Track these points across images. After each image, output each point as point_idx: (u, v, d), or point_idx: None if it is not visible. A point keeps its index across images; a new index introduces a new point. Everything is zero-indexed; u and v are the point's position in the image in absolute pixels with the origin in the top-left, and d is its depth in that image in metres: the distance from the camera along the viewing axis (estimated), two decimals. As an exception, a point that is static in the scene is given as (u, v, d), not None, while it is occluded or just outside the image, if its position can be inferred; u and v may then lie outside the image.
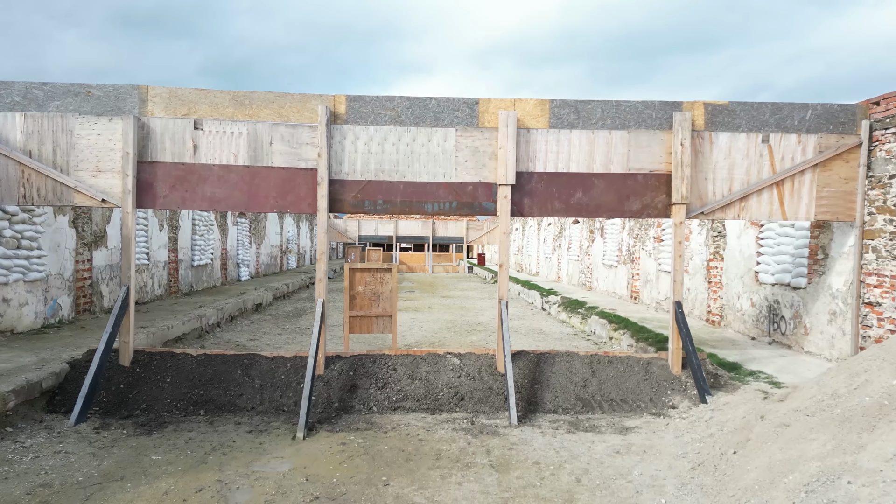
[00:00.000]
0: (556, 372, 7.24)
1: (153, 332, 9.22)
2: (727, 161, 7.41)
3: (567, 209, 7.44)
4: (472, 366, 7.30)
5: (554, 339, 11.77)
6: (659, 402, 6.85)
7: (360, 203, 7.38)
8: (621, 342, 10.73)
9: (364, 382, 7.04)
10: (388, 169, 7.36)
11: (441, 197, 7.41)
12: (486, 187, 7.42)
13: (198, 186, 7.17)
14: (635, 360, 7.48)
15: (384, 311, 8.90)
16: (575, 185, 7.42)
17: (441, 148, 7.37)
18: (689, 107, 7.40)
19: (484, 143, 7.39)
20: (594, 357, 7.49)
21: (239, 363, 7.20)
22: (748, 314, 9.94)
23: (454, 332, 12.40)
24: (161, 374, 6.98)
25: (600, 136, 7.39)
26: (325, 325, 7.21)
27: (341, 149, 7.32)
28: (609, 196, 7.43)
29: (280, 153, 7.25)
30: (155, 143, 7.12)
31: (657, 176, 7.42)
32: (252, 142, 7.22)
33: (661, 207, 7.44)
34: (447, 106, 7.37)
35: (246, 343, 10.84)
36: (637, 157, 7.41)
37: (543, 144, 7.40)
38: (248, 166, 7.22)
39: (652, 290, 13.91)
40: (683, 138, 7.25)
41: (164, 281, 13.86)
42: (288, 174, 7.26)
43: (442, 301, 18.74)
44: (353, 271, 8.87)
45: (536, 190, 7.42)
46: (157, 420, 6.31)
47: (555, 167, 7.41)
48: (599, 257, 17.89)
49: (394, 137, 7.35)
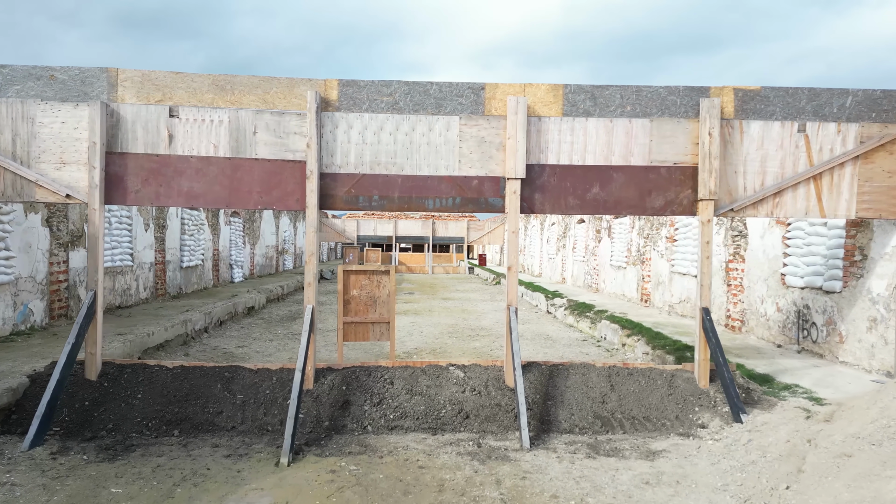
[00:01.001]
0: (571, 386, 6.54)
1: (131, 340, 8.50)
2: (759, 152, 6.71)
3: (583, 206, 6.74)
4: (477, 379, 6.59)
5: (562, 346, 11.06)
6: (686, 421, 6.14)
7: (353, 199, 6.67)
8: (635, 349, 10.02)
9: (358, 398, 6.33)
10: (384, 161, 6.66)
11: (443, 192, 6.70)
12: (492, 181, 6.72)
13: (173, 180, 6.46)
14: (658, 372, 6.77)
15: (381, 316, 8.22)
16: (591, 178, 6.71)
17: (443, 138, 6.67)
18: (718, 92, 6.70)
19: (491, 132, 6.68)
20: (612, 369, 6.78)
21: (219, 377, 6.49)
22: (773, 320, 9.23)
23: (456, 338, 11.69)
24: (132, 389, 6.27)
25: (619, 124, 6.69)
26: (314, 335, 6.51)
27: (333, 139, 6.61)
28: (629, 191, 6.72)
29: (265, 144, 6.54)
30: (126, 132, 6.41)
31: (682, 169, 6.71)
32: (234, 131, 6.51)
33: (687, 204, 6.73)
34: (450, 91, 6.67)
35: (233, 350, 10.13)
36: (660, 148, 6.71)
37: (556, 134, 6.69)
38: (230, 158, 6.51)
39: (664, 292, 13.20)
40: (711, 127, 6.55)
41: (151, 283, 13.14)
42: (274, 167, 6.55)
43: (443, 304, 18.03)
44: (347, 274, 8.18)
45: (549, 184, 6.72)
46: (125, 442, 5.60)
47: (569, 159, 6.71)
48: (607, 258, 17.18)
49: (391, 126, 6.64)
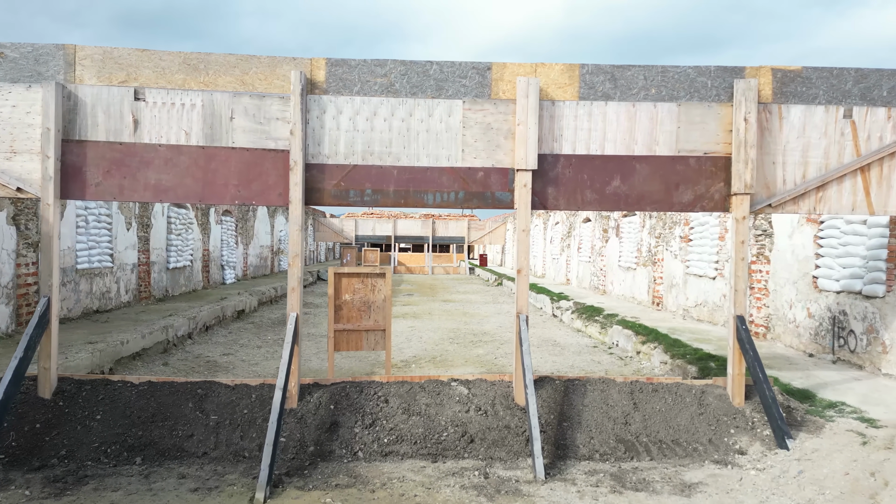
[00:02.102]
0: (590, 404, 5.79)
1: (101, 350, 7.75)
2: (800, 141, 5.96)
3: (601, 201, 5.99)
4: (483, 396, 5.85)
5: (572, 353, 10.31)
6: (722, 446, 5.39)
7: (343, 193, 5.92)
8: (651, 358, 9.28)
9: (348, 418, 5.59)
10: (378, 151, 5.91)
11: (444, 185, 5.96)
12: (500, 173, 5.97)
13: (139, 172, 5.71)
14: (686, 388, 6.03)
15: (376, 324, 7.47)
16: (611, 170, 5.97)
17: (444, 124, 5.93)
18: (754, 73, 5.95)
19: (498, 118, 5.93)
20: (635, 385, 6.03)
21: (191, 394, 5.74)
22: (804, 326, 8.49)
23: (457, 344, 10.94)
24: (91, 408, 5.52)
25: (643, 109, 5.94)
26: (298, 346, 5.76)
27: (320, 125, 5.87)
28: (654, 184, 5.97)
29: (243, 130, 5.80)
30: (85, 117, 5.66)
31: (714, 159, 5.97)
32: (208, 116, 5.77)
33: (719, 199, 5.98)
34: (452, 72, 5.92)
35: (217, 359, 9.38)
36: (688, 135, 5.96)
37: (572, 120, 5.95)
38: (203, 147, 5.77)
39: (678, 295, 12.45)
40: (748, 112, 5.80)
41: (133, 286, 12.39)
42: (253, 157, 5.81)
43: (443, 306, 17.28)
44: (339, 277, 7.43)
45: (563, 177, 5.97)
46: (78, 473, 4.85)
47: (586, 148, 5.96)
48: (615, 259, 16.43)
49: (386, 111, 5.90)
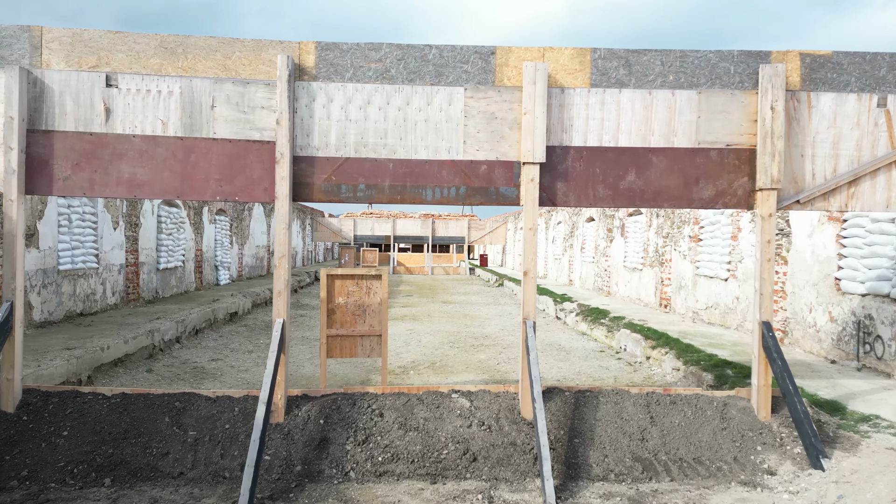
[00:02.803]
0: (603, 418, 5.32)
1: (79, 357, 7.27)
2: (831, 131, 5.49)
3: (615, 196, 5.52)
4: (486, 409, 5.37)
5: (578, 358, 9.84)
6: (748, 465, 4.92)
7: (334, 188, 5.45)
8: (662, 364, 8.81)
9: (339, 434, 5.11)
10: (372, 142, 5.44)
11: (444, 180, 5.49)
12: (505, 167, 5.50)
13: (112, 165, 5.24)
14: (706, 400, 5.56)
15: (371, 328, 7.00)
16: (626, 163, 5.50)
17: (444, 114, 5.46)
18: (780, 58, 5.48)
19: (503, 106, 5.47)
20: (651, 396, 5.56)
21: (168, 407, 5.27)
22: (825, 331, 8.02)
23: (458, 349, 10.47)
24: (57, 423, 5.05)
25: (660, 97, 5.47)
26: (285, 355, 5.29)
27: (309, 115, 5.40)
28: (672, 179, 5.50)
29: (225, 120, 5.33)
30: (52, 104, 5.19)
31: (737, 152, 5.50)
32: (187, 104, 5.30)
33: (742, 195, 5.51)
34: (453, 57, 5.45)
35: (205, 365, 8.91)
36: (709, 125, 5.49)
37: (583, 109, 5.48)
38: (182, 138, 5.30)
39: (687, 297, 11.98)
40: (774, 99, 5.33)
41: (121, 287, 11.92)
42: (236, 149, 5.34)
43: (443, 308, 16.81)
44: (332, 279, 6.97)
45: (574, 170, 5.50)
46: (39, 497, 4.38)
47: (598, 140, 5.49)
48: (620, 259, 15.96)
49: (380, 99, 5.43)
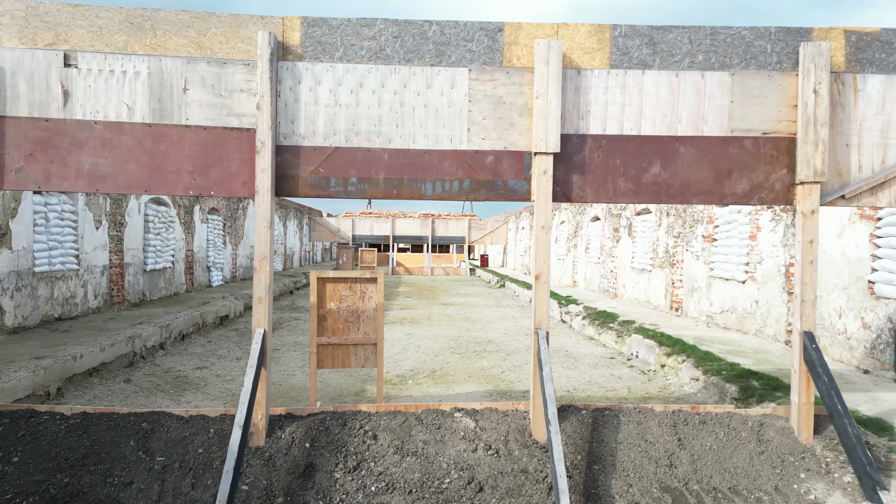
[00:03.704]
0: (625, 440, 4.72)
1: (47, 367, 6.67)
2: (879, 118, 4.90)
3: (637, 191, 4.92)
4: (493, 431, 4.78)
5: (587, 365, 9.25)
6: (792, 496, 4.32)
7: (322, 181, 4.86)
8: (679, 373, 8.21)
9: (327, 460, 4.52)
10: (365, 130, 4.85)
11: (445, 173, 4.89)
12: (513, 158, 4.90)
13: (70, 155, 4.64)
14: (739, 419, 4.96)
15: (366, 337, 6.43)
16: (649, 154, 4.90)
17: (446, 98, 4.86)
18: (823, 35, 4.89)
19: (512, 90, 4.87)
20: (678, 415, 4.97)
21: (134, 429, 4.67)
22: (857, 338, 7.43)
23: (459, 355, 9.88)
24: (7, 448, 4.45)
25: (688, 80, 4.88)
26: (266, 369, 4.70)
27: (294, 99, 4.81)
28: (701, 171, 4.91)
29: (200, 105, 4.73)
30: (2, 87, 4.59)
31: (774, 141, 4.91)
32: (156, 87, 4.70)
33: (780, 189, 4.92)
34: (455, 34, 4.86)
35: (189, 374, 8.31)
36: (744, 111, 4.90)
37: (602, 93, 4.89)
38: (150, 125, 4.70)
39: (701, 300, 11.38)
40: (817, 82, 4.74)
41: (104, 289, 11.31)
42: (212, 137, 4.74)
43: (443, 310, 16.21)
44: (322, 282, 6.40)
45: (591, 162, 4.90)
46: (-22, 536, 3.80)
47: (619, 127, 4.90)
48: (627, 260, 15.37)
49: (374, 82, 4.83)
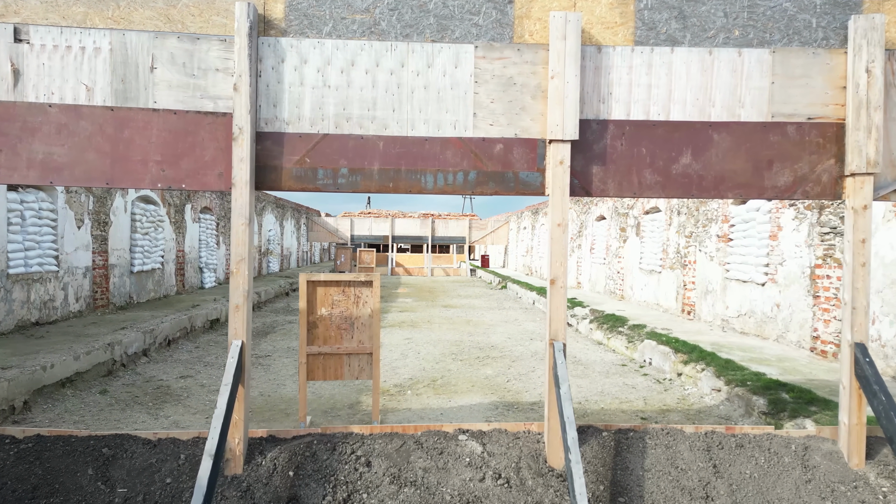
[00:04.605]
0: (653, 468, 4.16)
1: (12, 378, 6.10)
2: (939, 102, 4.35)
3: (665, 184, 4.36)
4: (503, 456, 4.21)
5: (598, 374, 8.68)
6: (849, 533, 3.77)
7: (308, 173, 4.29)
8: (698, 382, 7.65)
9: (313, 491, 3.95)
10: (357, 115, 4.28)
11: (449, 163, 4.33)
12: (526, 146, 4.34)
13: (21, 143, 4.08)
14: (781, 442, 4.40)
15: (361, 345, 5.90)
16: (679, 142, 4.34)
17: (449, 79, 4.30)
18: (875, 7, 4.32)
19: (523, 69, 4.31)
20: (711, 437, 4.40)
21: (93, 454, 4.10)
22: (893, 346, 6.86)
23: (461, 362, 9.31)
24: (-55, 478, 3.89)
25: (722, 58, 4.32)
26: (245, 387, 4.13)
27: (276, 79, 4.24)
28: (738, 161, 4.35)
29: (169, 86, 4.17)
30: (-57, 64, 4.04)
31: (820, 127, 4.34)
32: (119, 65, 4.14)
33: (827, 181, 4.36)
34: (460, 6, 4.29)
35: (172, 383, 7.74)
36: (786, 94, 4.33)
37: (626, 73, 4.32)
38: (112, 108, 4.14)
39: (715, 303, 10.82)
40: (870, 60, 4.18)
41: (86, 292, 10.74)
42: (183, 123, 4.18)
43: (443, 313, 15.65)
44: (313, 286, 5.88)
45: (613, 151, 4.34)
46: None
47: (645, 112, 4.34)
48: (635, 260, 14.80)
49: (368, 60, 4.27)
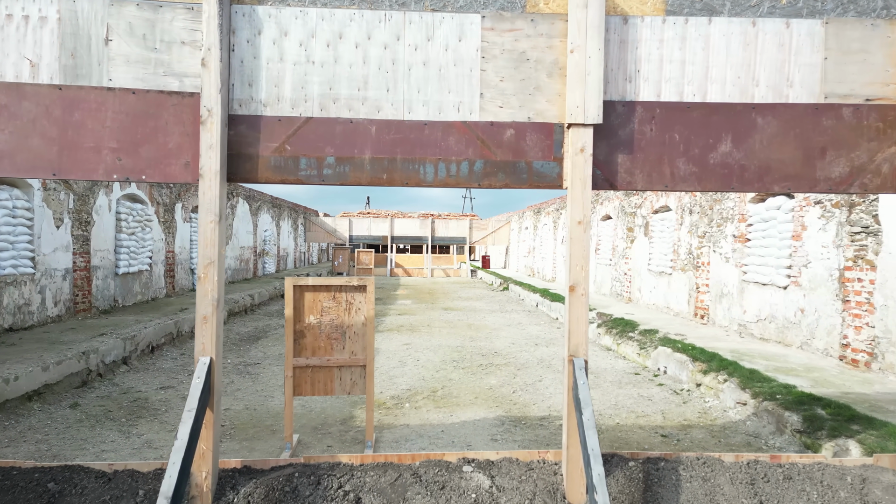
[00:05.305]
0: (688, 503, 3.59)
1: (-32, 393, 5.54)
2: None
3: (702, 175, 3.78)
4: (515, 492, 3.63)
5: (609, 383, 8.10)
6: (926, 588, 3.19)
7: (289, 162, 3.71)
8: (720, 395, 7.07)
9: (293, 534, 3.38)
10: (346, 96, 3.71)
11: (451, 151, 3.75)
12: (540, 132, 3.76)
13: (-47, 127, 3.51)
14: (834, 473, 3.82)
15: (353, 357, 5.34)
16: (718, 127, 3.76)
17: (452, 54, 3.73)
18: (945, -28, 3.76)
19: (538, 43, 3.73)
20: (755, 469, 3.82)
21: (37, 491, 3.52)
22: (936, 357, 6.29)
23: (463, 370, 8.74)
24: None
25: (768, 30, 3.75)
26: (214, 411, 3.56)
27: (252, 54, 3.67)
28: (786, 149, 3.77)
29: (127, 61, 3.59)
30: None
31: (881, 110, 3.77)
32: (68, 37, 3.57)
33: (889, 173, 3.78)
34: (464, -29, 3.73)
35: (151, 394, 7.16)
36: (841, 72, 3.76)
37: (656, 47, 3.75)
38: (61, 87, 3.57)
39: (732, 307, 10.24)
40: (941, 32, 3.61)
41: (66, 296, 10.16)
42: (143, 104, 3.60)
43: (444, 316, 15.07)
44: (300, 291, 5.34)
45: (642, 137, 3.76)
46: None
47: (678, 93, 3.76)
48: (643, 262, 14.23)
49: (358, 33, 3.70)
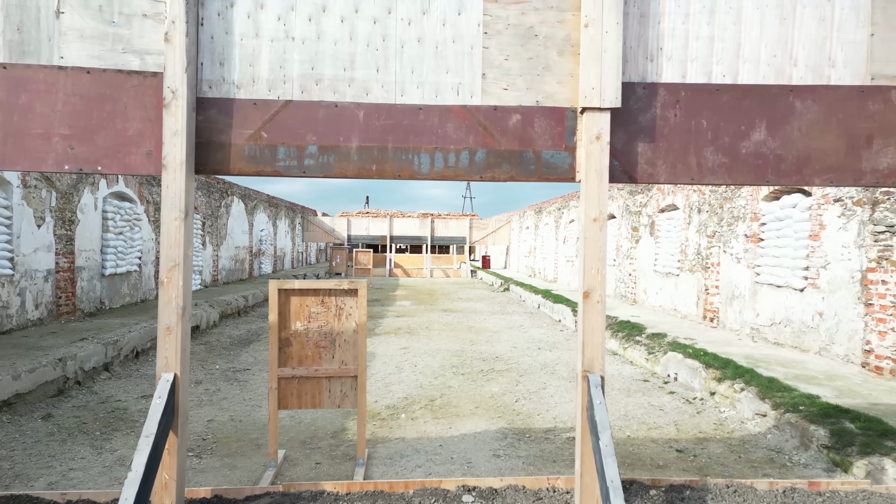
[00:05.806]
0: (719, 541, 3.16)
1: (-74, 405, 5.11)
2: None
3: (732, 167, 3.35)
4: (521, 525, 3.21)
5: (617, 391, 7.68)
6: None
7: (265, 152, 3.28)
8: (737, 405, 6.65)
9: (268, 576, 2.95)
10: (330, 76, 3.28)
11: (450, 139, 3.32)
12: (550, 117, 3.34)
13: None
14: (881, 501, 3.40)
15: (343, 367, 4.93)
16: (751, 112, 3.34)
17: (450, 29, 3.30)
18: None
19: (548, 17, 3.31)
20: (791, 498, 3.39)
21: (-24, 525, 3.11)
22: (971, 365, 5.87)
23: (463, 376, 8.31)
24: None
25: (806, 2, 3.32)
26: (179, 435, 3.13)
27: (224, 29, 3.24)
28: (828, 137, 3.35)
29: (81, 36, 3.17)
30: None
31: (934, 92, 3.35)
32: (14, 8, 3.14)
33: (943, 163, 3.37)
34: (464, -65, 3.30)
35: (131, 404, 6.74)
36: (889, 49, 3.34)
37: (681, 21, 3.32)
38: (6, 66, 3.14)
39: (744, 310, 9.82)
40: None
41: (48, 298, 9.73)
42: (100, 85, 3.17)
43: (443, 318, 14.65)
44: (286, 295, 4.93)
45: (664, 124, 3.34)
46: None
47: (706, 73, 3.34)
48: (649, 262, 13.81)
49: (344, 5, 3.27)
